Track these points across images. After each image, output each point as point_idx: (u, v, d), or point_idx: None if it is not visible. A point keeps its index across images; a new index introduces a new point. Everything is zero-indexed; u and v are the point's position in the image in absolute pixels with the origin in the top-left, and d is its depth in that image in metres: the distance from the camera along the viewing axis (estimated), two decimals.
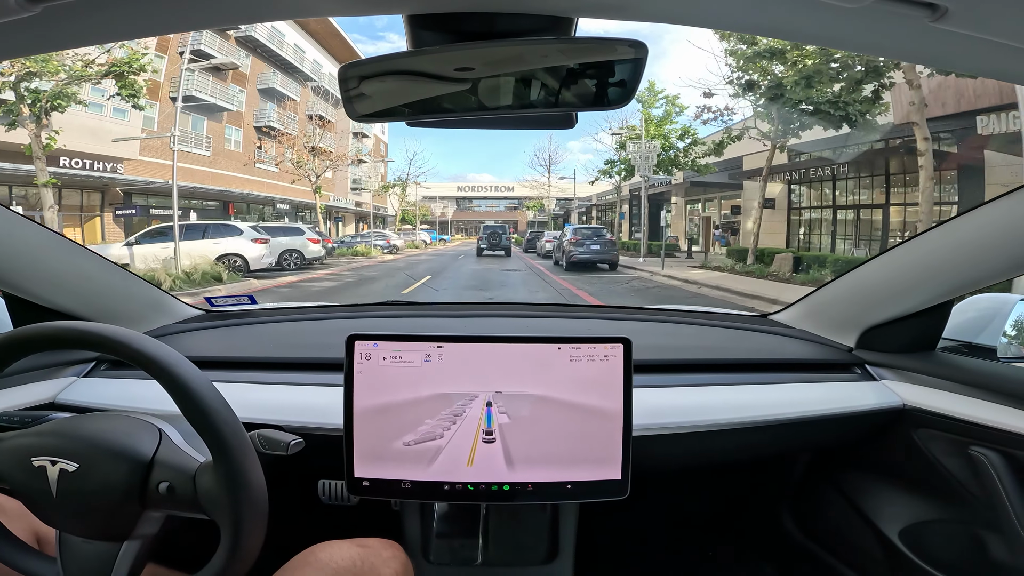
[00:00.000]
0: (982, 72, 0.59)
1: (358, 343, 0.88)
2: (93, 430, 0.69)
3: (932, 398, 1.06)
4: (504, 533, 1.13)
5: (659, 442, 1.02)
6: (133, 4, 0.49)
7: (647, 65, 0.62)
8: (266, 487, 0.67)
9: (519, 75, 0.66)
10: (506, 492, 0.90)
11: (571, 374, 0.89)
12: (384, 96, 0.69)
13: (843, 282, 1.25)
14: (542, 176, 39.53)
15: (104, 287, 1.21)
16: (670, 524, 1.60)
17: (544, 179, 39.35)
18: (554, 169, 40.31)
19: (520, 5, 0.58)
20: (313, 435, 0.93)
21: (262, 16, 0.58)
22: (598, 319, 1.49)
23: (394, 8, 0.58)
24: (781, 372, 1.18)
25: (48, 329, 0.67)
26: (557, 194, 40.63)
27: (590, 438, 0.89)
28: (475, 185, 57.54)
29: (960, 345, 1.16)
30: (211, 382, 0.66)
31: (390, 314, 1.53)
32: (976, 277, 0.99)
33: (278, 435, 0.84)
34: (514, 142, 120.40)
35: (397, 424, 0.88)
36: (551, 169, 39.12)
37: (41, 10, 0.46)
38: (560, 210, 42.38)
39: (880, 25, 0.51)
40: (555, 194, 40.59)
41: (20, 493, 0.68)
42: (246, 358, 1.18)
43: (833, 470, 1.34)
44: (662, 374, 1.14)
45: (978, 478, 0.99)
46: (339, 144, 24.61)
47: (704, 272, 13.60)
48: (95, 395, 1.06)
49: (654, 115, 19.23)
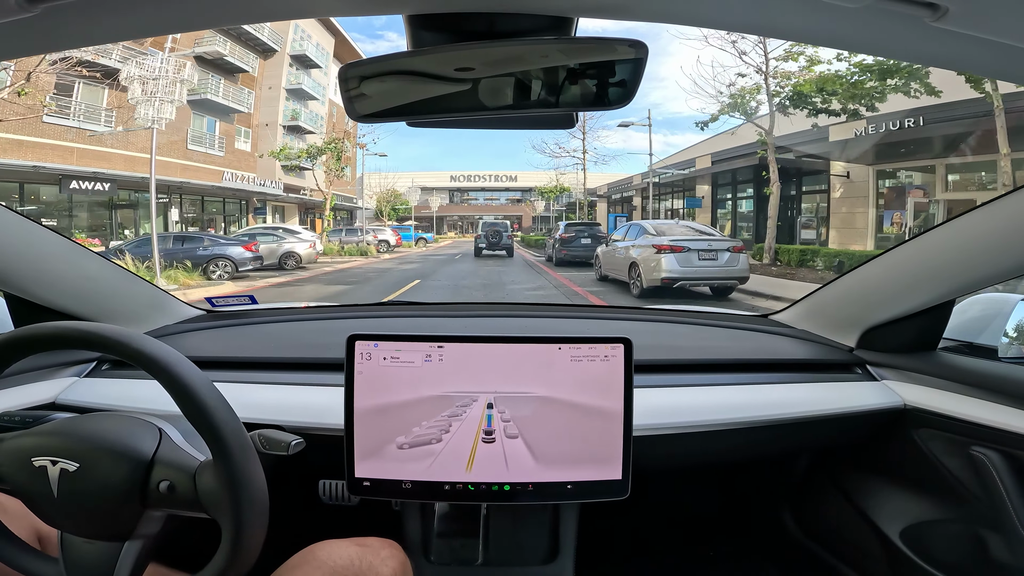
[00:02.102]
0: (983, 72, 0.59)
1: (359, 343, 0.88)
2: (93, 430, 0.69)
3: (933, 398, 1.06)
4: (504, 533, 1.13)
5: (660, 442, 1.02)
6: (133, 5, 0.49)
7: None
8: (266, 486, 0.67)
9: (519, 75, 0.66)
10: (507, 492, 0.90)
11: (572, 374, 0.89)
12: (385, 96, 0.69)
13: (844, 282, 1.25)
14: (564, 154, 26.76)
15: (105, 287, 1.21)
16: (671, 524, 1.60)
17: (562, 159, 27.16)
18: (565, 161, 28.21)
19: (520, 5, 0.58)
20: (314, 435, 0.93)
21: (263, 16, 0.58)
22: (599, 319, 1.49)
23: (394, 8, 0.58)
24: (782, 372, 1.18)
25: (49, 329, 0.67)
26: (567, 182, 30.79)
27: (591, 438, 0.89)
28: (471, 174, 45.01)
29: (961, 345, 1.16)
30: (211, 382, 0.66)
31: (390, 314, 1.53)
32: (977, 277, 0.99)
33: (279, 435, 0.84)
34: (515, 142, 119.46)
35: (398, 424, 0.88)
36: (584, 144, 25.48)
37: (41, 10, 0.46)
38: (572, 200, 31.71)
39: (880, 25, 0.51)
40: (563, 182, 31.18)
41: (21, 493, 0.68)
42: (247, 358, 1.18)
43: (834, 470, 1.33)
44: (663, 374, 1.13)
45: (979, 478, 0.99)
46: (261, 107, 20.33)
47: None
48: (96, 395, 1.06)
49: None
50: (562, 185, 32.11)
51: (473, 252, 19.35)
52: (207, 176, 19.58)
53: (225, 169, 20.49)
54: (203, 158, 20.02)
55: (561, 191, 32.97)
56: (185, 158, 19.06)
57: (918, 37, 0.52)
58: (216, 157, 20.50)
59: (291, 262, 13.81)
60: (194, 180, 18.82)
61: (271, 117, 23.60)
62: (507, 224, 20.79)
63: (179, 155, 18.77)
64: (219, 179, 20.06)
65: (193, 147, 19.77)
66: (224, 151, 20.96)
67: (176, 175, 17.81)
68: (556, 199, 34.12)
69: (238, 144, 21.81)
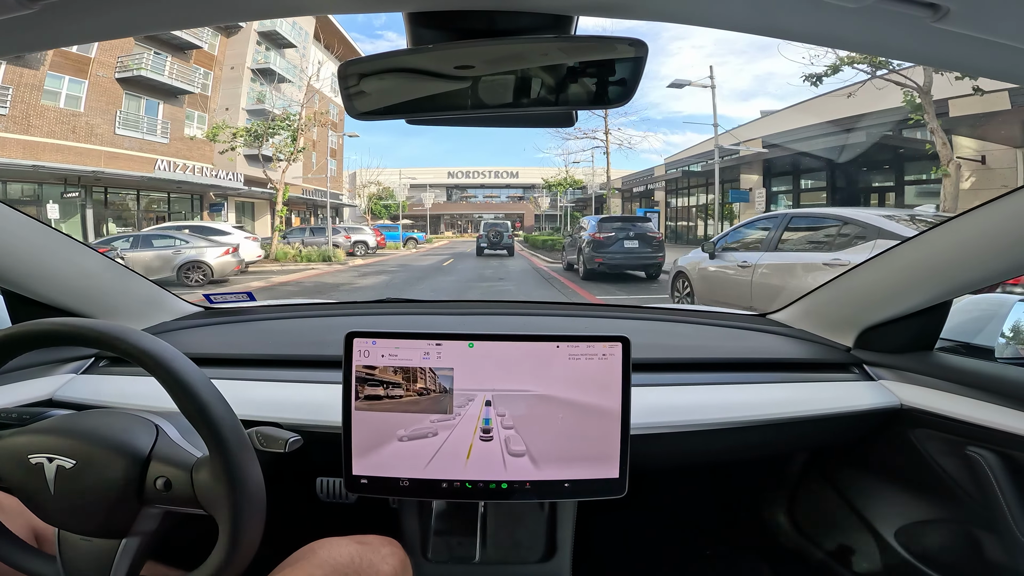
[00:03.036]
0: (984, 72, 0.59)
1: (357, 340, 0.88)
2: (90, 426, 0.69)
3: (929, 398, 1.06)
4: (502, 531, 1.13)
5: (657, 441, 1.02)
6: (131, 1, 0.49)
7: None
8: (264, 483, 0.67)
9: (519, 73, 0.66)
10: (504, 490, 0.90)
11: (569, 372, 0.89)
12: (384, 94, 0.69)
13: (842, 282, 1.25)
14: (585, 136, 22.21)
15: (103, 284, 1.21)
16: (667, 522, 1.60)
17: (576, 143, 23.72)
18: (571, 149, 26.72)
19: (521, 3, 0.58)
20: (311, 432, 0.93)
21: (262, 13, 0.58)
22: (597, 317, 1.49)
23: (395, 5, 0.58)
24: (779, 371, 1.18)
25: (46, 325, 0.66)
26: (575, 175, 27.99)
27: (588, 436, 0.90)
28: (470, 170, 43.46)
29: (958, 345, 1.16)
30: (208, 378, 0.66)
31: (388, 311, 1.52)
32: (975, 278, 0.99)
33: (276, 432, 0.84)
34: (517, 137, 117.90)
35: (395, 422, 0.88)
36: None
37: (40, 8, 0.46)
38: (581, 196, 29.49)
39: (881, 25, 0.51)
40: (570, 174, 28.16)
41: (18, 491, 0.68)
42: (244, 355, 1.18)
43: (830, 469, 1.34)
44: (660, 373, 1.14)
45: (974, 478, 0.99)
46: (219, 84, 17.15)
47: None
48: (93, 392, 1.06)
49: None
50: (572, 177, 28.93)
51: (475, 251, 18.85)
52: (140, 166, 16.22)
53: (160, 157, 17.20)
54: (138, 145, 16.79)
55: (571, 185, 29.55)
56: (111, 144, 15.98)
57: (919, 38, 0.52)
58: (158, 144, 17.45)
59: (196, 276, 10.47)
60: (117, 170, 15.36)
61: (232, 101, 20.48)
62: (508, 224, 20.41)
63: (102, 141, 15.78)
64: (151, 168, 16.69)
65: (123, 132, 16.69)
66: (169, 138, 17.89)
67: (100, 164, 14.81)
68: (565, 194, 30.30)
69: (189, 130, 18.60)
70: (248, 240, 13.44)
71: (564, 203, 30.38)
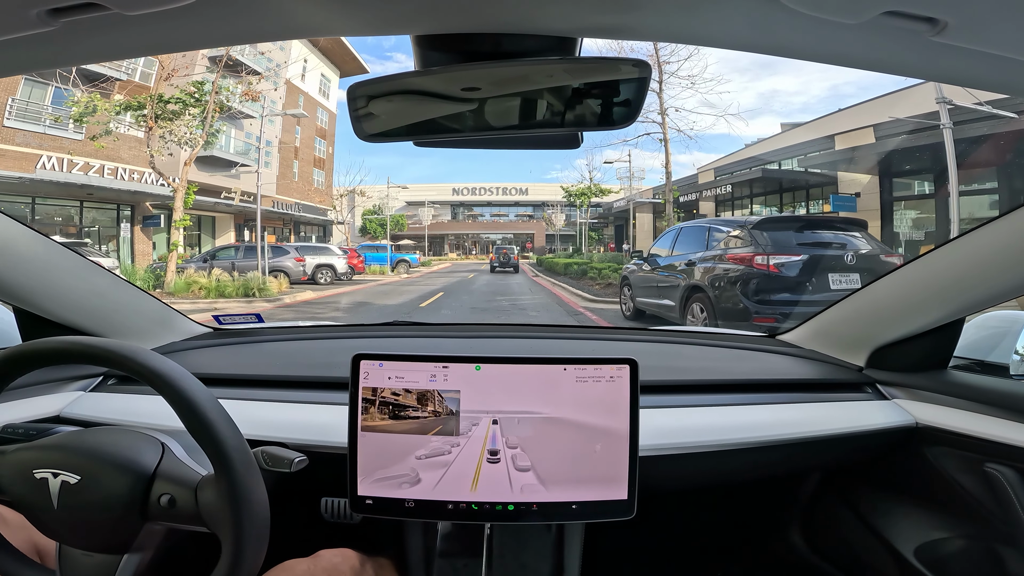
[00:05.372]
0: (983, 85, 0.60)
1: (363, 362, 0.88)
2: (96, 443, 0.69)
3: (945, 416, 1.04)
4: (508, 553, 1.11)
5: (666, 462, 1.01)
6: (149, 22, 0.51)
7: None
8: (268, 503, 0.67)
9: (525, 95, 0.67)
10: (511, 512, 0.88)
11: (577, 395, 0.89)
12: (392, 116, 0.70)
13: (853, 301, 1.24)
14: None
15: (113, 303, 1.22)
16: (678, 544, 1.57)
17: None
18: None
19: (525, 26, 0.59)
20: (317, 453, 0.92)
21: (276, 35, 0.60)
22: (604, 340, 1.49)
23: (403, 29, 0.60)
24: (789, 392, 1.17)
25: (55, 344, 0.67)
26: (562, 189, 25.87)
27: (596, 458, 0.88)
28: (477, 187, 40.14)
29: (972, 363, 1.15)
30: (215, 398, 0.66)
31: (395, 334, 1.52)
32: (988, 295, 0.98)
33: (282, 452, 0.84)
34: (526, 155, 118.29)
35: (401, 443, 0.88)
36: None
37: (60, 25, 0.47)
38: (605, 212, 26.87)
39: (881, 41, 0.52)
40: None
41: (21, 505, 0.68)
42: (252, 376, 1.18)
43: (845, 489, 1.31)
44: (669, 395, 1.12)
45: (994, 495, 0.97)
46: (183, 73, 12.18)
47: None
48: (101, 409, 1.06)
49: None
50: (598, 187, 24.84)
51: (479, 273, 20.69)
52: (26, 166, 12.68)
53: (44, 153, 13.32)
54: (37, 141, 13.20)
55: (599, 192, 25.24)
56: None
57: (919, 52, 0.53)
58: (68, 141, 13.61)
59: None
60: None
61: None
62: (514, 248, 23.71)
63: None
64: (31, 168, 12.96)
65: (14, 124, 12.97)
66: (84, 133, 13.36)
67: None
68: (586, 208, 26.25)
69: (120, 126, 13.78)
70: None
71: (582, 220, 27.73)
